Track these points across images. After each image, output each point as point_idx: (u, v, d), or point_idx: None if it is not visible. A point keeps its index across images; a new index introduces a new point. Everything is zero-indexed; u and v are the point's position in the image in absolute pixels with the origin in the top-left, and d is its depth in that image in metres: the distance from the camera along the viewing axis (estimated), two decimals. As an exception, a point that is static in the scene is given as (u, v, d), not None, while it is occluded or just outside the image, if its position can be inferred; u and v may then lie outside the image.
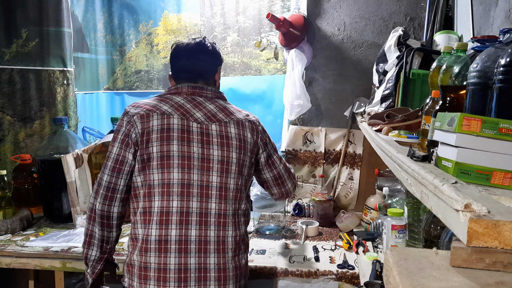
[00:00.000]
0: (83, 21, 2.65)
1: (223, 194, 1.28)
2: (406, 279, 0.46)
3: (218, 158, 1.28)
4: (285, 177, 1.48)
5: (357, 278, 1.57)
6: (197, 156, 1.26)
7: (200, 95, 1.36)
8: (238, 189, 1.31)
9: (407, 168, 0.74)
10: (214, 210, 1.26)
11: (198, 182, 1.25)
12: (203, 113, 1.31)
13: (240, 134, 1.33)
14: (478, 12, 1.50)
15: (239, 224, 1.31)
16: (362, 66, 2.28)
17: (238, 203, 1.31)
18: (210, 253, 1.24)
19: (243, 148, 1.32)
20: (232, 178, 1.29)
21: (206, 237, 1.25)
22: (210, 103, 1.35)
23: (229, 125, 1.32)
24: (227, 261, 1.26)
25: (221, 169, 1.28)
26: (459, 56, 0.89)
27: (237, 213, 1.31)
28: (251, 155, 1.36)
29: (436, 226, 1.12)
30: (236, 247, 1.28)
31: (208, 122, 1.31)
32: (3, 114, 2.48)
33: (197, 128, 1.28)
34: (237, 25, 2.57)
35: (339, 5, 2.28)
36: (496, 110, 0.66)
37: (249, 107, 2.60)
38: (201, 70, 1.41)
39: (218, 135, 1.30)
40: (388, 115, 1.30)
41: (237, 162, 1.30)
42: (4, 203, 2.11)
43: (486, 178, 0.61)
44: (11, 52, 2.46)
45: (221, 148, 1.29)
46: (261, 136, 1.39)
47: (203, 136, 1.28)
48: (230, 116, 1.35)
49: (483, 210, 0.46)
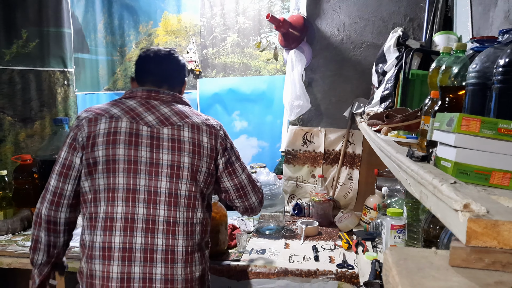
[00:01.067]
0: (83, 21, 2.65)
1: (173, 201, 1.21)
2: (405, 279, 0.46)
3: (168, 163, 1.22)
4: (248, 189, 1.38)
5: (357, 277, 1.57)
6: (144, 161, 1.21)
7: (156, 99, 1.32)
8: (191, 196, 1.23)
9: (406, 168, 0.74)
10: (162, 217, 1.20)
11: (145, 188, 1.20)
12: (155, 117, 1.27)
13: (194, 138, 1.26)
14: (477, 13, 1.50)
15: (193, 233, 1.23)
16: (361, 66, 2.28)
17: (192, 211, 1.23)
18: (156, 263, 1.18)
19: (197, 153, 1.25)
20: (184, 184, 1.23)
21: (153, 246, 1.19)
22: (165, 107, 1.30)
23: (182, 129, 1.26)
24: (175, 272, 1.19)
25: (171, 174, 1.22)
26: (458, 57, 0.89)
27: (191, 221, 1.23)
28: (209, 160, 1.28)
29: (435, 226, 1.13)
30: (187, 257, 1.21)
31: (160, 125, 1.25)
32: (3, 115, 2.48)
33: (147, 132, 1.24)
34: (237, 25, 2.57)
35: (339, 6, 2.28)
36: (495, 110, 0.67)
37: (249, 107, 2.61)
38: (168, 75, 1.39)
39: (170, 139, 1.24)
40: (387, 115, 1.30)
41: (190, 167, 1.24)
42: (4, 203, 2.11)
43: (485, 178, 0.61)
44: (12, 53, 2.46)
45: (172, 153, 1.23)
46: (221, 141, 1.31)
47: (152, 140, 1.23)
48: (185, 119, 1.28)
49: (482, 210, 0.46)
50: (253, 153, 2.66)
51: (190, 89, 2.70)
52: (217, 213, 1.73)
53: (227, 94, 2.63)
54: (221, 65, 2.64)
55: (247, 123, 2.65)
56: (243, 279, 1.63)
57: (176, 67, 1.41)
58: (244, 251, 1.79)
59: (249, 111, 2.63)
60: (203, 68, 2.67)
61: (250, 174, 1.41)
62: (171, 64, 1.40)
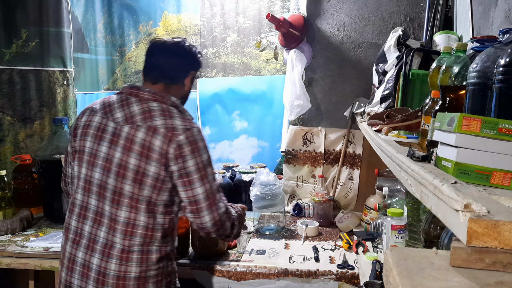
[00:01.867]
0: (83, 21, 2.65)
1: (117, 199, 1.25)
2: (406, 279, 0.46)
3: (117, 161, 1.25)
4: (202, 205, 1.26)
5: (357, 278, 1.57)
6: (102, 156, 1.27)
7: (136, 96, 1.32)
8: (134, 198, 1.24)
9: (406, 168, 0.74)
10: (107, 212, 1.25)
11: (98, 181, 1.27)
12: (123, 114, 1.29)
13: (146, 140, 1.23)
14: (478, 12, 1.50)
15: (133, 234, 1.24)
16: (361, 66, 2.28)
17: (135, 213, 1.24)
18: (94, 253, 1.24)
19: (145, 156, 1.23)
20: (128, 184, 1.23)
21: (96, 236, 1.26)
22: (138, 104, 1.29)
23: (139, 130, 1.25)
24: (109, 266, 1.23)
25: (118, 172, 1.24)
26: (458, 56, 0.89)
27: (133, 223, 1.24)
28: (158, 165, 1.23)
29: (436, 226, 1.12)
30: (124, 256, 1.23)
31: (123, 123, 1.27)
32: (3, 115, 2.48)
33: (112, 128, 1.28)
34: (237, 25, 2.57)
35: (339, 6, 2.28)
36: (495, 110, 0.67)
37: (249, 107, 2.61)
38: (167, 70, 1.38)
39: (126, 137, 1.25)
40: (387, 115, 1.30)
41: (135, 169, 1.23)
42: (4, 204, 2.11)
43: (486, 178, 0.61)
44: (11, 53, 2.46)
45: (123, 152, 1.25)
46: (176, 147, 1.22)
47: (113, 137, 1.27)
48: (147, 120, 1.26)
49: (483, 210, 0.46)
50: (253, 153, 2.66)
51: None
52: (217, 213, 1.73)
53: (227, 94, 2.63)
54: (221, 65, 2.64)
55: (247, 123, 2.64)
56: (243, 279, 1.62)
57: (180, 60, 1.39)
58: (244, 252, 1.79)
59: (249, 111, 2.63)
60: (203, 67, 2.67)
61: (214, 190, 1.28)
62: (172, 59, 1.39)
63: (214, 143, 2.70)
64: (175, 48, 1.40)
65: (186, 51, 1.41)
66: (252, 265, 1.65)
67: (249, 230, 2.05)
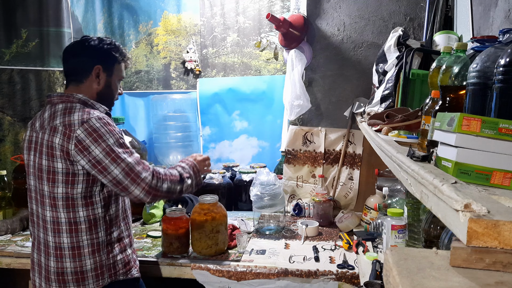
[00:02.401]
0: (83, 21, 2.65)
1: (41, 200, 1.36)
2: (406, 279, 0.46)
3: (36, 165, 1.36)
4: (125, 183, 1.31)
5: (357, 278, 1.57)
6: (31, 164, 1.39)
7: (49, 102, 1.40)
8: (51, 196, 1.33)
9: (406, 168, 0.74)
10: (40, 214, 1.37)
11: (32, 187, 1.40)
12: (40, 122, 1.38)
13: (49, 140, 1.31)
14: (478, 12, 1.50)
15: (60, 231, 1.34)
16: (361, 66, 2.28)
17: (55, 211, 1.33)
18: (41, 253, 1.38)
19: (51, 155, 1.31)
20: (45, 185, 1.33)
21: (39, 238, 1.39)
22: (49, 110, 1.37)
23: (45, 132, 1.33)
24: (50, 263, 1.35)
25: (37, 176, 1.36)
26: (458, 56, 0.89)
27: (56, 220, 1.34)
28: (63, 161, 1.29)
29: (436, 226, 1.12)
30: (58, 253, 1.34)
31: (39, 130, 1.36)
32: (3, 115, 2.48)
33: (34, 138, 1.38)
34: (237, 25, 2.57)
35: (339, 6, 2.28)
36: (495, 110, 0.67)
37: (249, 107, 2.61)
38: (69, 70, 1.43)
39: (39, 142, 1.35)
40: (388, 115, 1.30)
41: (47, 169, 1.32)
42: (4, 203, 2.11)
43: (486, 178, 0.61)
44: (11, 53, 2.46)
45: (37, 155, 1.35)
46: (76, 142, 1.27)
47: (35, 145, 1.37)
48: (51, 122, 1.33)
49: (483, 210, 0.46)
50: (253, 153, 2.66)
51: (190, 89, 2.70)
52: (217, 213, 1.73)
53: (227, 94, 2.63)
54: (221, 64, 2.64)
55: (247, 123, 2.64)
56: (243, 279, 1.62)
57: (79, 57, 1.41)
58: (244, 251, 1.79)
59: (249, 111, 2.63)
60: (203, 67, 2.67)
61: (132, 166, 1.32)
62: (74, 57, 1.42)
63: (214, 143, 2.70)
64: (72, 49, 1.45)
65: (84, 48, 1.42)
66: (252, 265, 1.65)
67: (249, 230, 2.05)
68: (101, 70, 1.42)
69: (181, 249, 1.75)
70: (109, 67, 1.44)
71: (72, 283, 1.34)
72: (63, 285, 1.35)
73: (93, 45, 1.42)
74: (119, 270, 1.41)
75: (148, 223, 2.20)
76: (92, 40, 1.43)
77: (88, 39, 1.43)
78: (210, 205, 1.74)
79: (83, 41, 1.43)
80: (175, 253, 1.75)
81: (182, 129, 2.68)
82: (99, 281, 1.36)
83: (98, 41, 1.43)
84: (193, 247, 1.78)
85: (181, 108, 2.69)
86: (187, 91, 2.70)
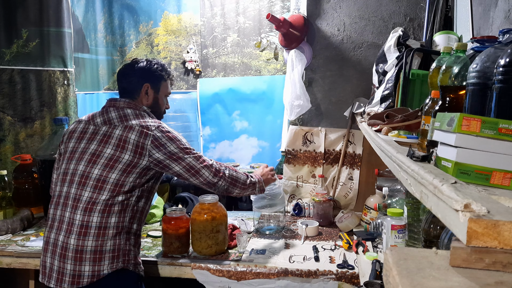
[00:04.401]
0: (84, 21, 2.65)
1: (83, 181, 1.46)
2: (405, 279, 0.46)
3: (91, 151, 1.49)
4: (198, 167, 1.54)
5: (357, 278, 1.57)
6: (80, 150, 1.51)
7: (114, 106, 1.59)
8: (102, 179, 1.45)
9: (406, 168, 0.74)
10: (72, 194, 1.47)
11: (72, 171, 1.49)
12: (102, 119, 1.56)
13: (123, 135, 1.48)
14: (478, 13, 1.50)
15: (92, 210, 1.43)
16: (361, 66, 2.28)
17: (97, 192, 1.44)
18: (60, 231, 1.45)
19: (121, 147, 1.47)
20: (97, 168, 1.46)
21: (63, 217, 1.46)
22: (115, 111, 1.56)
23: (116, 128, 1.51)
24: (68, 240, 1.41)
25: (89, 160, 1.47)
26: (458, 57, 0.89)
27: (92, 200, 1.44)
28: (132, 154, 1.47)
29: (436, 226, 1.13)
30: (82, 231, 1.41)
31: (102, 125, 1.54)
32: (3, 114, 2.48)
33: (91, 130, 1.54)
34: (237, 25, 2.57)
35: (339, 6, 2.28)
36: (495, 110, 0.67)
37: (249, 107, 2.61)
38: (122, 89, 1.66)
39: (103, 134, 1.51)
40: (387, 115, 1.30)
41: (109, 157, 1.46)
42: (4, 203, 2.11)
43: (486, 178, 0.61)
44: (12, 53, 2.46)
45: (98, 144, 1.49)
46: (154, 139, 1.48)
47: (91, 135, 1.53)
48: (123, 121, 1.52)
49: (483, 210, 0.46)
50: (253, 153, 2.66)
51: (190, 89, 2.70)
52: (217, 213, 1.73)
53: (227, 94, 2.63)
54: (221, 65, 2.64)
55: (247, 123, 2.64)
56: (243, 279, 1.62)
57: (129, 78, 1.64)
58: (244, 251, 1.79)
59: (249, 111, 2.63)
60: (203, 68, 2.67)
61: (198, 157, 1.56)
62: (126, 77, 1.64)
63: (214, 143, 2.70)
64: (124, 70, 1.66)
65: (134, 70, 1.64)
66: (252, 264, 1.66)
67: (249, 230, 2.05)
68: (149, 87, 1.64)
69: (181, 249, 1.75)
70: (156, 85, 1.67)
71: (88, 261, 1.40)
72: (79, 263, 1.39)
73: (142, 66, 1.65)
74: (130, 260, 1.48)
75: (148, 222, 2.20)
76: (141, 62, 1.66)
77: (137, 61, 1.67)
78: (211, 205, 1.74)
79: (133, 63, 1.66)
80: (175, 253, 1.75)
81: (182, 129, 2.68)
82: (113, 263, 1.43)
83: (146, 62, 1.66)
84: (193, 247, 1.78)
85: (181, 108, 2.69)
86: (188, 91, 2.71)
